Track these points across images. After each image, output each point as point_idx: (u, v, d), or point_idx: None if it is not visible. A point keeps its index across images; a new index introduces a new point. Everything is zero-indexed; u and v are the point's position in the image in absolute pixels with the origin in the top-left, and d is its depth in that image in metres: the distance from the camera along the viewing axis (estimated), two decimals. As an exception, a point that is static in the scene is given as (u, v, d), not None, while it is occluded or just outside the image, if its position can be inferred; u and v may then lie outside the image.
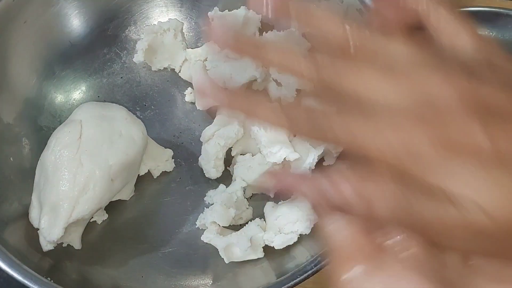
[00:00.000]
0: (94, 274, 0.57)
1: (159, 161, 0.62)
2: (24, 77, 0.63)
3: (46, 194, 0.55)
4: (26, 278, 0.50)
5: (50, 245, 0.54)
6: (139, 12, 0.68)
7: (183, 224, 0.61)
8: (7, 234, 0.54)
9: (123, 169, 0.56)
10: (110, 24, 0.67)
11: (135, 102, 0.66)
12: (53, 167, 0.55)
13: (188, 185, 0.63)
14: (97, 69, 0.67)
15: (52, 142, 0.57)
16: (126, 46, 0.68)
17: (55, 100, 0.65)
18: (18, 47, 0.62)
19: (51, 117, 0.64)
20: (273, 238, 0.56)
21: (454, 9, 0.33)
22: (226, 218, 0.57)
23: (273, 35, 0.64)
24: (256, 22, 0.65)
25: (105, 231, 0.60)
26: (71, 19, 0.65)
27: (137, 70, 0.67)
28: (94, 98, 0.66)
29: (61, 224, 0.54)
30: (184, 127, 0.66)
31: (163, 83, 0.67)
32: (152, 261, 0.59)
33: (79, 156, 0.55)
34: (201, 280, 0.57)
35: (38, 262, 0.54)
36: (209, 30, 0.35)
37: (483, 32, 0.69)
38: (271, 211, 0.58)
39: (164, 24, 0.65)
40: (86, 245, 0.58)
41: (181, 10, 0.68)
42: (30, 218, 0.56)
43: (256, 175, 0.59)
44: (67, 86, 0.66)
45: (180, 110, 0.66)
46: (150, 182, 0.63)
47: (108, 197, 0.56)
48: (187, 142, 0.65)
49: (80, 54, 0.66)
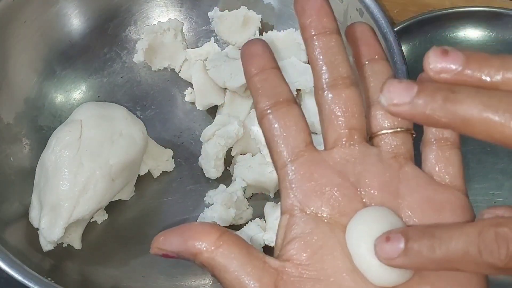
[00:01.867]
0: (94, 274, 0.57)
1: (159, 161, 0.62)
2: (24, 77, 0.63)
3: (46, 194, 0.55)
4: (26, 278, 0.50)
5: (50, 245, 0.54)
6: (139, 12, 0.68)
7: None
8: (7, 234, 0.54)
9: (123, 169, 0.56)
10: (110, 24, 0.67)
11: (135, 102, 0.66)
12: (53, 167, 0.55)
13: (188, 185, 0.63)
14: (97, 69, 0.67)
15: (52, 142, 0.57)
16: (126, 46, 0.68)
17: (55, 100, 0.65)
18: (18, 47, 0.62)
19: (51, 117, 0.64)
20: (273, 238, 0.56)
21: None
22: (226, 218, 0.57)
23: (273, 35, 0.64)
24: (256, 22, 0.65)
25: (106, 231, 0.60)
26: (71, 19, 0.65)
27: (137, 70, 0.67)
28: (94, 98, 0.66)
29: (61, 224, 0.54)
30: (184, 127, 0.66)
31: (163, 83, 0.67)
32: (153, 261, 0.58)
33: (80, 156, 0.55)
34: (201, 280, 0.57)
35: (39, 262, 0.54)
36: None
37: (483, 32, 0.69)
38: (271, 211, 0.58)
39: (164, 24, 0.65)
40: (87, 245, 0.58)
41: (181, 10, 0.68)
42: (30, 218, 0.57)
43: (256, 175, 0.59)
44: (67, 86, 0.66)
45: (180, 110, 0.66)
46: (150, 182, 0.63)
47: (108, 197, 0.56)
48: (187, 142, 0.65)
49: (80, 53, 0.66)
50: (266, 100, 0.31)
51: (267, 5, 0.66)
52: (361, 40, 0.33)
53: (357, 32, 0.34)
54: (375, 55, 0.33)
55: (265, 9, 0.66)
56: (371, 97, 0.33)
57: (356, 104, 0.31)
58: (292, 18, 0.65)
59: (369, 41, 0.34)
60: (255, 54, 0.32)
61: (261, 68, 0.31)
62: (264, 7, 0.66)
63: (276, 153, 0.31)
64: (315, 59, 0.31)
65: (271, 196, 0.61)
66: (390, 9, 0.70)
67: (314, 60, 0.31)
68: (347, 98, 0.31)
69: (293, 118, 0.31)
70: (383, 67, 0.33)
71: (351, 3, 0.59)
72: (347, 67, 0.32)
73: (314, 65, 0.32)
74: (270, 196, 0.61)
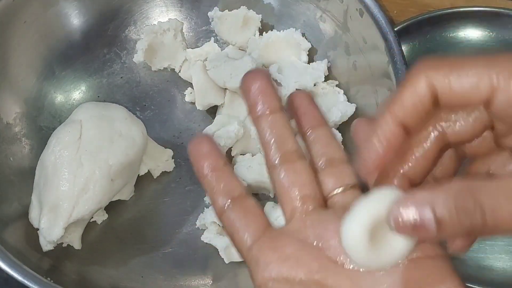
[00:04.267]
0: (93, 274, 0.57)
1: (159, 161, 0.62)
2: (24, 77, 0.63)
3: (46, 194, 0.55)
4: (26, 278, 0.50)
5: (50, 245, 0.54)
6: (139, 12, 0.68)
7: (183, 224, 0.61)
8: (7, 234, 0.54)
9: (123, 169, 0.56)
10: (110, 24, 0.67)
11: (135, 102, 0.66)
12: (53, 167, 0.55)
13: (188, 185, 0.63)
14: (97, 69, 0.67)
15: (52, 142, 0.57)
16: (126, 46, 0.68)
17: (55, 100, 0.65)
18: (18, 47, 0.62)
19: (51, 117, 0.64)
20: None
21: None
22: (226, 218, 0.57)
23: (273, 35, 0.64)
24: (256, 22, 0.65)
25: (105, 231, 0.60)
26: (71, 19, 0.65)
27: (137, 70, 0.67)
28: (94, 98, 0.66)
29: (61, 224, 0.54)
30: (184, 127, 0.66)
31: (163, 83, 0.67)
32: (152, 261, 0.59)
33: (79, 156, 0.55)
34: (201, 280, 0.57)
35: (38, 262, 0.54)
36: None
37: (483, 32, 0.69)
38: (271, 211, 0.58)
39: (164, 24, 0.65)
40: (86, 245, 0.58)
41: (181, 10, 0.68)
42: (30, 218, 0.56)
43: (256, 175, 0.59)
44: (67, 86, 0.66)
45: (180, 110, 0.66)
46: (150, 182, 0.63)
47: (108, 197, 0.56)
48: (187, 142, 0.64)
49: (80, 54, 0.66)
50: (222, 197, 0.33)
51: (267, 5, 0.66)
52: (300, 109, 0.35)
53: (295, 102, 0.35)
54: (315, 122, 0.35)
55: (265, 9, 0.66)
56: (316, 163, 0.34)
57: (306, 174, 0.33)
58: (292, 18, 0.65)
59: (307, 109, 0.35)
60: (204, 154, 0.34)
61: (212, 168, 0.33)
62: (264, 7, 0.66)
63: (239, 242, 0.32)
64: (263, 137, 0.33)
65: (271, 196, 0.61)
66: (390, 10, 0.70)
67: (262, 138, 0.33)
68: (297, 170, 0.33)
69: (249, 209, 0.33)
70: (324, 132, 0.35)
71: (351, 3, 0.59)
72: (293, 142, 0.33)
73: (263, 143, 0.34)
74: (270, 196, 0.61)
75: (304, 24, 0.64)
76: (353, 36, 0.60)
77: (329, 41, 0.63)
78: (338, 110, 0.59)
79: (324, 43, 0.64)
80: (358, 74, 0.61)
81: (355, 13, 0.59)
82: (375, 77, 0.58)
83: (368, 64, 0.59)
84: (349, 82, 0.62)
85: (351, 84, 0.62)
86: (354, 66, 0.61)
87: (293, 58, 0.63)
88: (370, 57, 0.59)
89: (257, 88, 0.33)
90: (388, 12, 0.69)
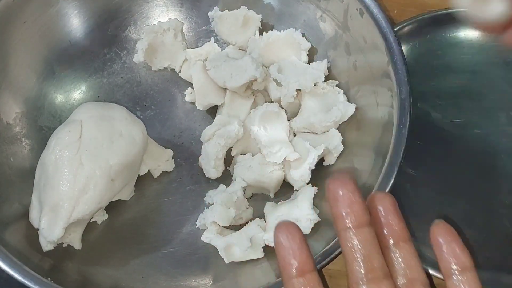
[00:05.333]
0: (94, 274, 0.57)
1: (159, 161, 0.62)
2: (24, 77, 0.63)
3: (46, 194, 0.55)
4: (26, 279, 0.50)
5: (50, 245, 0.54)
6: (139, 12, 0.68)
7: (184, 224, 0.61)
8: (7, 235, 0.54)
9: (123, 169, 0.56)
10: (110, 24, 0.67)
11: (135, 102, 0.66)
12: (53, 167, 0.55)
13: (188, 185, 0.63)
14: (97, 69, 0.67)
15: (52, 142, 0.57)
16: (126, 46, 0.68)
17: (55, 100, 0.65)
18: (18, 47, 0.62)
19: (51, 117, 0.64)
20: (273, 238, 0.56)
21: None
22: (226, 218, 0.57)
23: (273, 35, 0.64)
24: (256, 22, 0.65)
25: (105, 231, 0.60)
26: (71, 19, 0.65)
27: (137, 70, 0.68)
28: (94, 98, 0.66)
29: (61, 224, 0.54)
30: (184, 127, 0.66)
31: (163, 83, 0.67)
32: (153, 261, 0.59)
33: (79, 156, 0.55)
34: (201, 280, 0.57)
35: (38, 263, 0.54)
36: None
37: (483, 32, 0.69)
38: (271, 211, 0.58)
39: (164, 24, 0.65)
40: (86, 245, 0.58)
41: (181, 10, 0.68)
42: (30, 219, 0.57)
43: (256, 175, 0.59)
44: (67, 86, 0.66)
45: (180, 110, 0.66)
46: (150, 182, 0.63)
47: (108, 197, 0.56)
48: (187, 142, 0.65)
49: (80, 54, 0.66)
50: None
51: (267, 5, 0.66)
52: (384, 217, 0.34)
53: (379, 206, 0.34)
54: (399, 236, 0.34)
55: (265, 9, 0.66)
56: (395, 278, 0.33)
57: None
58: (292, 18, 0.65)
59: (392, 219, 0.34)
60: (293, 250, 0.33)
61: (300, 271, 0.32)
62: (264, 7, 0.66)
63: None
64: (349, 251, 0.32)
65: (271, 196, 0.61)
66: (390, 9, 0.70)
67: (348, 252, 0.32)
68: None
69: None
70: (407, 249, 0.34)
71: (351, 3, 0.59)
72: (380, 259, 0.32)
73: (348, 257, 0.32)
74: (270, 196, 0.61)
75: (304, 24, 0.64)
76: (353, 36, 0.61)
77: (329, 41, 0.63)
78: (338, 110, 0.59)
79: (324, 43, 0.64)
80: (358, 74, 0.61)
81: (355, 13, 0.59)
82: (375, 77, 0.58)
83: (368, 64, 0.59)
84: (349, 82, 0.62)
85: (351, 84, 0.62)
86: (354, 66, 0.61)
87: (293, 58, 0.63)
88: (370, 57, 0.59)
89: (345, 198, 0.32)
90: (388, 12, 0.69)
